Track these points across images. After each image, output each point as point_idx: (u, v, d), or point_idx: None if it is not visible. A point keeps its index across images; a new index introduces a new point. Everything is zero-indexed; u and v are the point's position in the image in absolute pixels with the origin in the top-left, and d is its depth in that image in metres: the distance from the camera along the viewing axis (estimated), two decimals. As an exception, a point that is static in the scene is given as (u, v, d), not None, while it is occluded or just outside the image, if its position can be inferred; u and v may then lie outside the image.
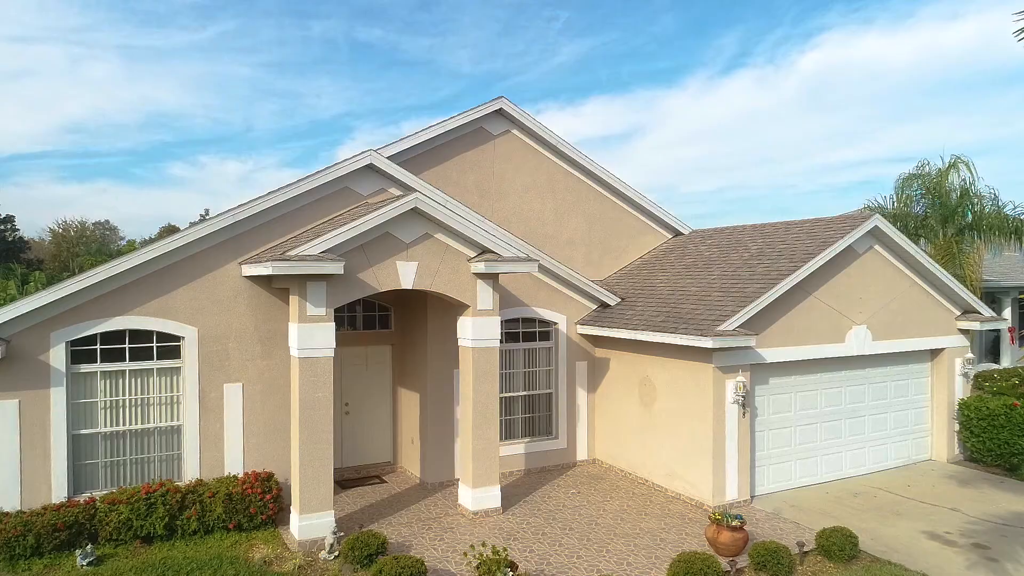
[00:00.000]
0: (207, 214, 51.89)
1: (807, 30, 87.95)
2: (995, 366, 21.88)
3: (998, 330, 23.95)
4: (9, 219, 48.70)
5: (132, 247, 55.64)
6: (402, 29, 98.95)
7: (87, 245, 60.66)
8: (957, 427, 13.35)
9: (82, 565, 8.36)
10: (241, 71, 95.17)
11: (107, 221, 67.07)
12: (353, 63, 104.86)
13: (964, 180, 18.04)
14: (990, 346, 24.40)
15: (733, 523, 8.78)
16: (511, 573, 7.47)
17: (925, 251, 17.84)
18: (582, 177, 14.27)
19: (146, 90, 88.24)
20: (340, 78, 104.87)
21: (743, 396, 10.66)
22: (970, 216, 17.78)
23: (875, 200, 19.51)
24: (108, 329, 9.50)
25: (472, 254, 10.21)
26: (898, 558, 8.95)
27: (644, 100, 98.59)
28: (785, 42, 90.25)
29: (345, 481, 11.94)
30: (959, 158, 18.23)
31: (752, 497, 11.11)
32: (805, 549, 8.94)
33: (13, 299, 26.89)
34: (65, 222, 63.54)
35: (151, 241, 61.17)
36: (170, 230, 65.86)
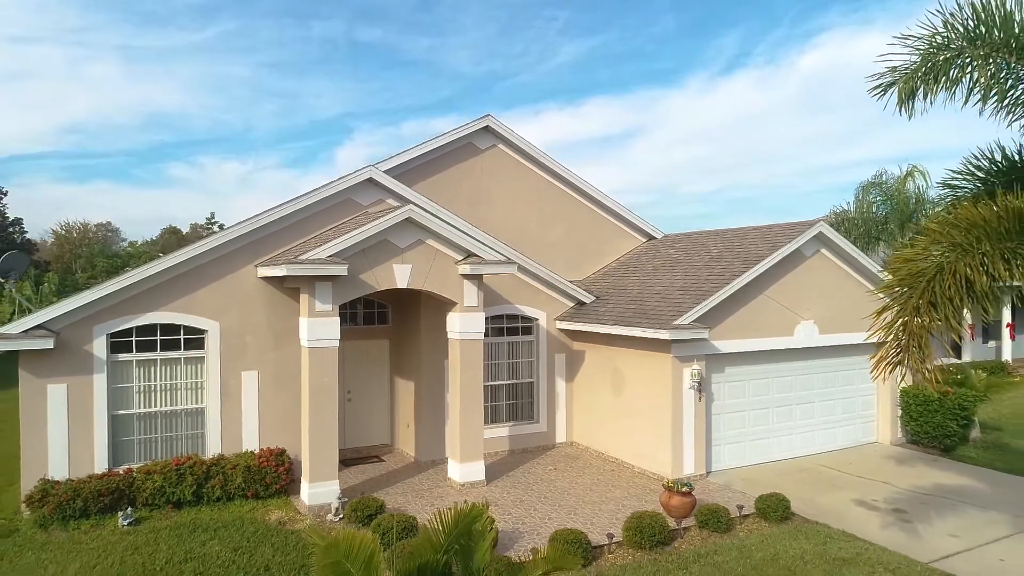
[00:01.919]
0: (212, 217, 53.33)
1: (807, 30, 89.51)
2: (955, 361, 23.34)
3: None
4: (17, 221, 49.94)
5: (135, 248, 56.97)
6: (402, 29, 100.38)
7: (89, 246, 61.89)
8: (899, 412, 14.80)
9: (123, 525, 9.78)
10: (241, 72, 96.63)
11: (109, 223, 68.31)
12: (353, 63, 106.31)
13: (919, 187, 19.52)
14: (952, 342, 25.86)
15: (682, 489, 10.20)
16: (490, 527, 8.88)
17: (886, 254, 19.37)
18: (563, 187, 15.70)
19: (146, 91, 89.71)
20: (340, 78, 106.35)
21: (698, 383, 12.10)
22: (923, 221, 19.23)
23: (840, 206, 21.00)
24: (142, 323, 10.93)
25: (459, 257, 11.64)
26: (826, 520, 10.38)
27: (644, 100, 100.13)
28: (785, 42, 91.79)
29: (347, 460, 13.34)
30: (915, 167, 19.75)
31: (708, 472, 12.54)
32: (744, 512, 10.37)
33: (29, 299, 28.32)
34: (67, 224, 64.56)
35: (153, 243, 62.45)
36: (172, 231, 67.27)
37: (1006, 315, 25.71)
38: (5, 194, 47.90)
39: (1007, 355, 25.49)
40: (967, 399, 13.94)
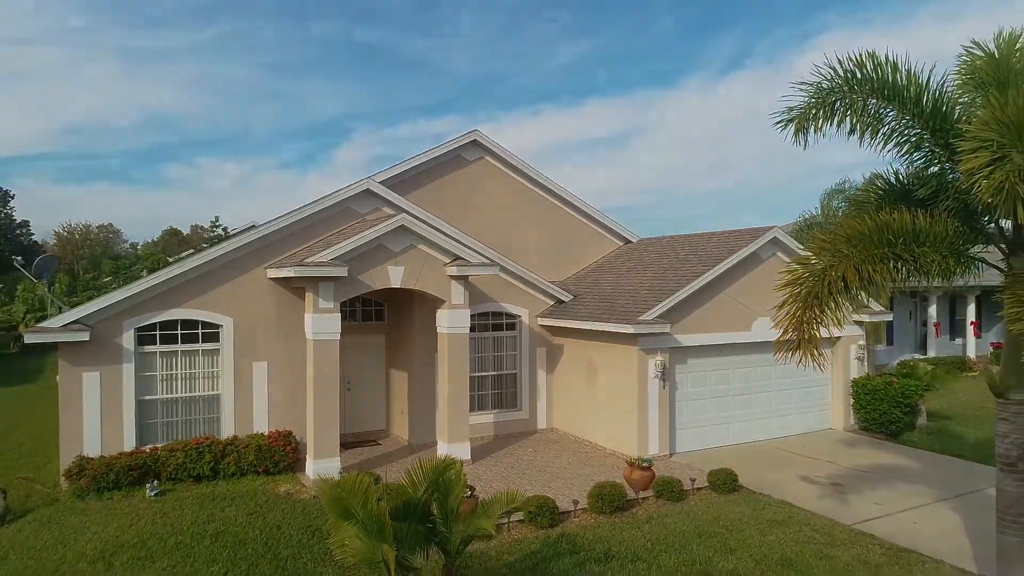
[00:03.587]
0: (217, 220, 54.50)
1: (806, 31, 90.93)
2: (920, 357, 24.79)
3: (925, 325, 26.90)
4: (24, 224, 51.29)
5: (138, 250, 58.23)
6: (401, 30, 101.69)
7: (91, 248, 63.10)
8: (852, 401, 16.21)
9: (151, 495, 11.16)
10: (240, 73, 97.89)
11: (110, 224, 69.51)
12: (352, 64, 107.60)
13: (879, 194, 20.92)
14: (921, 339, 27.34)
15: (643, 464, 11.58)
16: (470, 493, 10.26)
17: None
18: (545, 195, 17.10)
19: (145, 92, 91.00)
20: (339, 79, 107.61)
21: (662, 372, 13.50)
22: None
23: (809, 211, 22.40)
24: (165, 318, 12.32)
25: (447, 260, 13.03)
26: (769, 492, 11.78)
27: (643, 101, 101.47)
28: (784, 43, 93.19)
29: (347, 444, 14.70)
30: (877, 175, 21.10)
31: (672, 453, 13.94)
32: (697, 485, 11.77)
33: (41, 300, 29.65)
34: (69, 225, 65.73)
35: (155, 244, 63.57)
36: (173, 233, 68.51)
37: (970, 313, 27.16)
38: (12, 197, 49.25)
39: (971, 352, 26.92)
40: (909, 388, 15.35)
